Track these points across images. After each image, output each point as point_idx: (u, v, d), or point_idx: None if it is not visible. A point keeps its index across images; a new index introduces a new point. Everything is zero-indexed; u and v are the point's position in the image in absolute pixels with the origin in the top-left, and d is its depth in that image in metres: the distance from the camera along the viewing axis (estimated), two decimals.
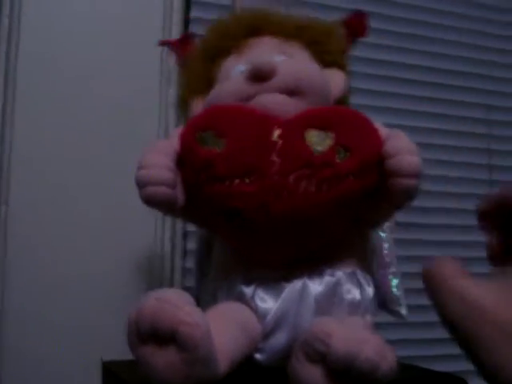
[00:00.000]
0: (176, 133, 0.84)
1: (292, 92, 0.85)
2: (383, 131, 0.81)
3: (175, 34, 1.32)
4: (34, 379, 1.15)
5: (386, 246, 0.98)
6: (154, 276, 1.25)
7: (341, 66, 0.96)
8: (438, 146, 1.56)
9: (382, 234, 0.99)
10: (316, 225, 0.80)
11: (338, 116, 0.81)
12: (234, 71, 0.91)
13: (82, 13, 1.27)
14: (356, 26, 1.00)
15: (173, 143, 0.82)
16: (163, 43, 1.12)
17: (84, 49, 1.26)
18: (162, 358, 0.68)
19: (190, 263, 1.24)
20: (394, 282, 0.97)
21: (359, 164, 0.77)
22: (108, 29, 1.29)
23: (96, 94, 1.25)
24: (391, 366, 0.69)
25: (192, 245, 1.25)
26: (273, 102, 0.84)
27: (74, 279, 1.19)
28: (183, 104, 0.98)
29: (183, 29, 1.35)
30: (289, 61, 0.90)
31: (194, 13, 1.38)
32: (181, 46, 1.05)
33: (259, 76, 0.85)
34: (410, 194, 0.78)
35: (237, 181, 0.77)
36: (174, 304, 0.67)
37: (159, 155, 0.79)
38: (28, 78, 1.22)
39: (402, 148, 0.77)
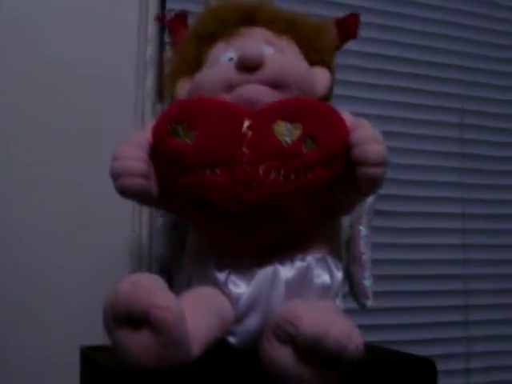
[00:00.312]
0: (150, 125, 0.87)
1: (277, 85, 0.88)
2: (349, 121, 0.84)
3: (151, 24, 1.34)
4: (13, 366, 1.17)
5: (362, 241, 1.01)
6: (133, 264, 1.27)
7: (328, 65, 0.99)
8: (411, 135, 1.59)
9: (361, 228, 1.02)
10: (285, 213, 0.83)
11: (305, 107, 0.84)
12: (223, 57, 0.93)
13: (58, 3, 1.28)
14: (347, 26, 1.02)
15: (147, 135, 0.85)
16: (158, 19, 1.13)
17: (59, 40, 1.27)
18: (137, 341, 0.71)
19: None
20: (366, 275, 1.01)
21: (326, 154, 0.80)
22: (84, 20, 1.29)
23: (70, 86, 1.27)
24: (358, 346, 0.73)
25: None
26: (255, 92, 0.87)
27: (53, 267, 1.21)
28: (170, 82, 1.01)
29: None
30: (277, 54, 0.93)
31: (170, 5, 1.39)
32: (175, 23, 1.07)
33: (247, 66, 0.88)
34: (375, 183, 0.81)
35: (208, 171, 0.80)
36: (148, 288, 0.71)
37: (133, 147, 0.82)
38: (4, 69, 1.23)
39: (367, 137, 0.80)
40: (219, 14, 0.98)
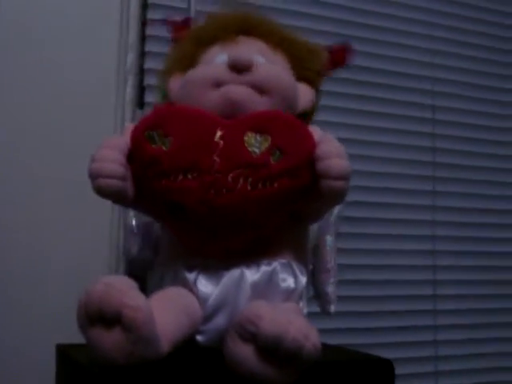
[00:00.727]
0: (129, 129, 0.91)
1: (262, 90, 0.92)
2: (316, 135, 0.89)
3: (132, 32, 1.39)
4: None
5: (328, 249, 1.06)
6: (111, 264, 1.32)
7: (314, 85, 1.03)
8: (383, 144, 1.65)
9: (328, 237, 1.06)
10: (252, 219, 0.87)
11: (274, 120, 0.88)
12: (217, 59, 0.98)
13: (44, 14, 1.33)
14: (338, 56, 1.07)
15: (125, 139, 0.89)
16: (167, 23, 1.16)
17: (44, 48, 1.32)
18: (109, 338, 0.75)
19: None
20: (330, 281, 1.05)
21: (292, 165, 0.85)
22: (67, 29, 1.34)
23: (55, 92, 1.31)
24: (315, 345, 0.77)
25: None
26: (240, 92, 0.92)
27: (31, 266, 1.26)
28: (165, 77, 1.04)
29: (140, 28, 1.42)
30: (268, 64, 0.97)
31: (150, 14, 1.43)
32: (180, 28, 1.11)
33: (236, 66, 0.92)
34: (338, 195, 0.86)
35: (180, 177, 0.85)
36: (120, 289, 0.75)
37: (111, 150, 0.86)
38: None
39: (332, 152, 0.84)
40: (220, 22, 1.03)
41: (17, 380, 1.22)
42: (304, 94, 1.00)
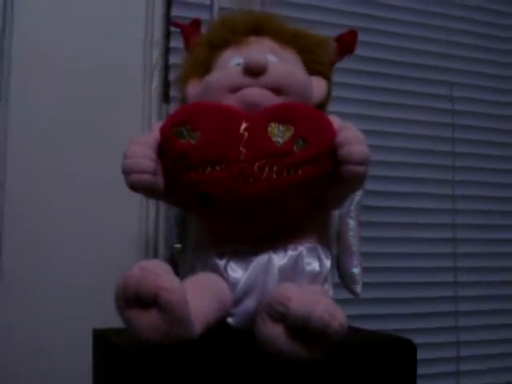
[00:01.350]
0: (157, 126, 0.95)
1: (278, 90, 0.97)
2: (336, 123, 0.93)
3: (157, 29, 1.43)
4: (30, 347, 1.27)
5: (350, 232, 1.10)
6: (140, 255, 1.36)
7: (326, 76, 1.08)
8: (402, 135, 1.68)
9: (349, 220, 1.10)
10: (278, 206, 0.91)
11: (296, 111, 0.92)
12: (231, 62, 1.02)
13: (70, 15, 1.37)
14: (346, 42, 1.11)
15: (154, 136, 0.93)
16: (176, 25, 1.21)
17: (71, 49, 1.36)
18: (145, 319, 0.80)
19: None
20: (355, 263, 1.09)
21: (315, 153, 0.89)
22: (94, 28, 1.38)
23: (83, 91, 1.36)
24: (341, 323, 0.81)
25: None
26: (257, 95, 0.96)
27: (68, 257, 1.31)
28: (182, 82, 1.09)
29: (165, 27, 1.46)
30: (280, 63, 1.01)
31: (175, 12, 1.47)
32: (190, 30, 1.15)
33: (252, 71, 0.96)
34: (358, 179, 0.90)
35: (209, 169, 0.89)
36: (156, 273, 0.79)
37: (142, 147, 0.90)
38: (21, 75, 1.32)
39: (352, 139, 0.88)
40: (231, 24, 1.07)
41: (55, 365, 1.27)
42: (317, 86, 1.04)
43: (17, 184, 1.29)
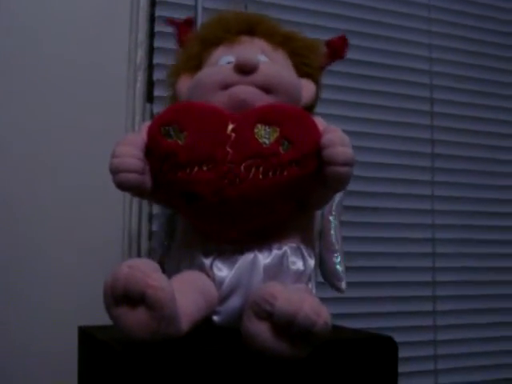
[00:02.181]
0: (144, 126, 0.97)
1: (267, 89, 0.98)
2: (321, 125, 0.95)
3: (141, 29, 1.44)
4: (18, 347, 1.27)
5: (332, 230, 1.12)
6: (123, 254, 1.37)
7: (315, 79, 1.10)
8: (384, 136, 1.70)
9: (331, 219, 1.12)
10: (264, 206, 0.93)
11: (282, 112, 0.94)
12: (222, 60, 1.04)
13: (56, 13, 1.37)
14: (337, 47, 1.13)
15: (142, 136, 0.95)
16: (170, 23, 1.21)
17: (55, 46, 1.36)
18: (134, 317, 0.81)
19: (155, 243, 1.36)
20: (338, 260, 1.11)
21: (300, 154, 0.91)
22: (78, 28, 1.38)
23: (67, 88, 1.36)
24: (326, 322, 0.83)
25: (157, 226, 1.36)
26: (246, 92, 0.97)
27: (52, 255, 1.31)
28: (173, 77, 1.10)
29: (149, 26, 1.46)
30: (271, 63, 1.03)
31: (159, 11, 1.48)
32: (183, 28, 1.17)
33: (243, 68, 0.98)
34: (342, 180, 0.92)
35: (196, 169, 0.91)
36: (144, 271, 0.80)
37: (130, 146, 0.92)
38: (3, 74, 1.32)
39: (336, 140, 0.90)
40: (224, 23, 1.09)
41: (40, 362, 1.27)
42: (306, 88, 1.06)
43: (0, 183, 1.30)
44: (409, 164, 1.72)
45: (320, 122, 0.96)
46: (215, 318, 0.95)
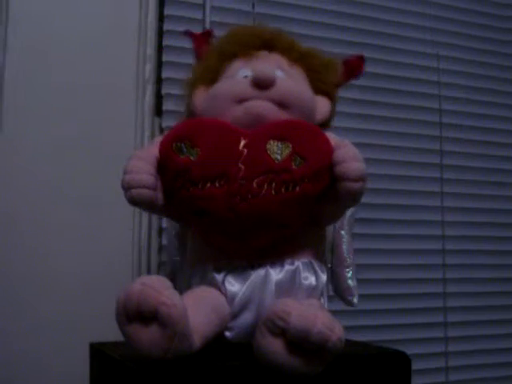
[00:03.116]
0: (156, 141, 0.97)
1: (283, 105, 0.98)
2: (333, 141, 0.95)
3: (150, 43, 1.45)
4: (25, 362, 1.27)
5: (344, 245, 1.11)
6: (133, 268, 1.37)
7: (330, 96, 1.09)
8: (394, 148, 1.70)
9: (343, 233, 1.12)
10: (276, 222, 0.93)
11: (294, 128, 0.94)
12: (239, 74, 1.03)
13: (63, 27, 1.38)
14: (354, 66, 1.13)
15: (154, 151, 0.95)
16: (188, 35, 1.20)
17: (64, 62, 1.37)
18: (146, 335, 0.81)
19: (165, 256, 1.36)
20: (350, 275, 1.11)
21: (313, 170, 0.91)
22: (87, 42, 1.39)
23: (76, 104, 1.36)
24: (340, 337, 0.83)
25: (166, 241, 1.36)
26: (262, 107, 0.97)
27: (62, 271, 1.31)
28: (189, 89, 1.10)
29: (157, 40, 1.47)
30: (288, 79, 1.03)
31: (167, 26, 1.48)
32: (200, 40, 1.17)
33: (260, 83, 0.98)
34: (355, 196, 0.92)
35: (208, 185, 0.91)
36: (156, 288, 0.80)
37: (142, 162, 0.92)
38: (13, 90, 1.33)
39: (349, 156, 0.90)
40: (242, 38, 1.09)
41: (51, 379, 1.27)
42: (321, 106, 1.06)
43: (10, 198, 1.30)
44: (418, 175, 1.72)
45: (332, 137, 0.96)
46: (227, 333, 0.95)
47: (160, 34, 1.48)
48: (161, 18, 1.49)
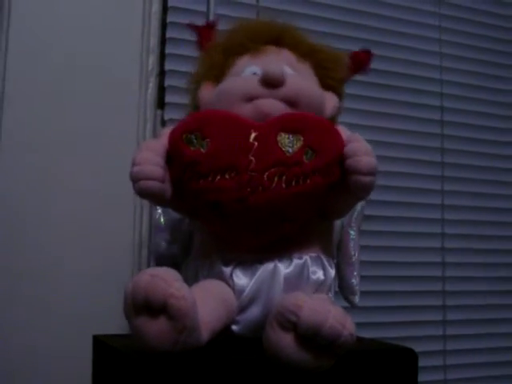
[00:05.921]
0: (165, 133, 0.96)
1: (292, 103, 0.98)
2: (345, 134, 0.94)
3: (153, 35, 1.43)
4: (30, 356, 1.25)
5: (351, 243, 1.11)
6: (134, 262, 1.35)
7: (338, 91, 1.09)
8: (393, 144, 1.69)
9: (350, 231, 1.11)
10: (286, 214, 0.92)
11: (306, 121, 0.93)
12: (247, 70, 1.02)
13: (66, 17, 1.36)
14: (361, 61, 1.12)
15: (163, 142, 0.94)
16: (191, 27, 1.19)
17: (67, 52, 1.35)
18: (154, 327, 0.80)
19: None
20: (354, 274, 1.10)
21: (324, 163, 0.90)
22: (90, 34, 1.37)
23: (78, 95, 1.35)
24: (351, 332, 0.82)
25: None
26: (272, 106, 0.97)
27: (64, 265, 1.30)
28: (194, 85, 1.09)
29: (161, 33, 1.46)
30: (296, 76, 1.02)
31: (171, 18, 1.47)
32: (204, 32, 1.15)
33: (270, 83, 0.97)
34: (366, 190, 0.91)
35: (218, 177, 0.90)
36: (165, 280, 0.79)
37: (150, 153, 0.90)
38: (15, 81, 1.31)
39: (360, 149, 0.90)
40: (250, 32, 1.07)
41: (54, 372, 1.26)
42: (329, 101, 1.05)
43: (11, 190, 1.28)
44: (418, 173, 1.71)
45: (343, 131, 0.95)
46: (234, 327, 0.94)
47: (164, 25, 1.47)
48: (164, 10, 1.47)
